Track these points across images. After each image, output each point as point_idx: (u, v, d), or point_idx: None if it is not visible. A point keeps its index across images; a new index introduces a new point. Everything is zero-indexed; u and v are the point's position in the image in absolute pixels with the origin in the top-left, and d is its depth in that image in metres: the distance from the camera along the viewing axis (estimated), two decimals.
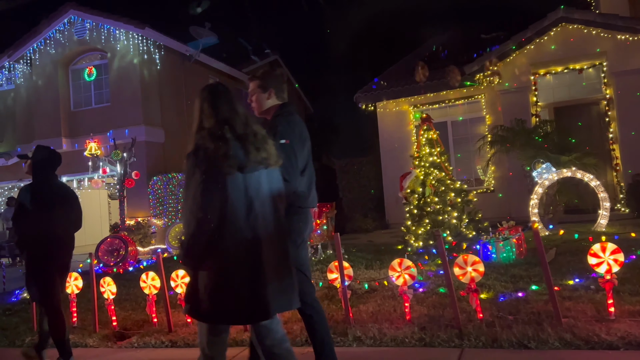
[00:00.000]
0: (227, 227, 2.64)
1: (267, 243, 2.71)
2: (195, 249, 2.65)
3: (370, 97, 13.32)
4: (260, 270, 2.66)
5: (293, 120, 3.22)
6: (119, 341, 5.36)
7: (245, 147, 2.71)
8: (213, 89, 2.94)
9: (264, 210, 2.74)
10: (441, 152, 7.46)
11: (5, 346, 5.56)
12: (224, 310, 2.68)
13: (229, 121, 2.76)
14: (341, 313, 5.12)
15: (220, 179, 2.64)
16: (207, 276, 2.67)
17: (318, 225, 8.01)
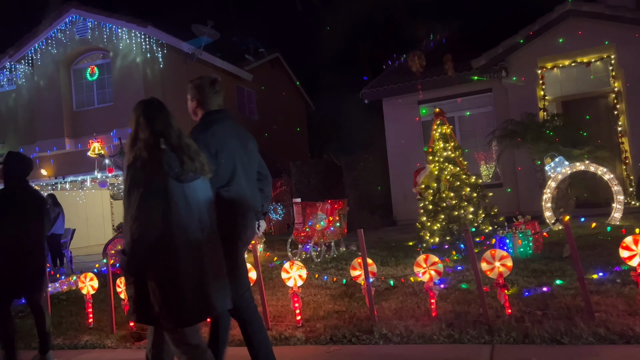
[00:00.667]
0: (171, 234, 2.77)
1: (208, 247, 2.91)
2: (137, 257, 2.75)
3: (376, 93, 13.24)
4: (204, 273, 2.86)
5: (202, 133, 3.34)
6: (136, 342, 5.30)
7: (180, 158, 2.86)
8: (148, 102, 3.11)
9: (203, 217, 2.93)
10: (455, 146, 7.38)
11: (22, 349, 5.47)
12: (174, 312, 2.78)
13: (163, 133, 2.93)
14: (363, 310, 5.05)
15: (160, 188, 2.77)
16: (154, 282, 2.77)
17: (331, 223, 7.94)
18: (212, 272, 2.91)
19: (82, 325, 5.91)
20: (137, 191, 2.72)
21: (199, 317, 2.93)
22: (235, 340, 4.69)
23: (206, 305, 2.89)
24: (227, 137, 3.40)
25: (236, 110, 20.56)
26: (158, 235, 2.72)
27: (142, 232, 2.69)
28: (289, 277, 4.83)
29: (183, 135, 3.01)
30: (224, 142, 3.35)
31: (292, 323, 4.92)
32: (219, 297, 2.94)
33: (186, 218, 2.83)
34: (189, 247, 2.81)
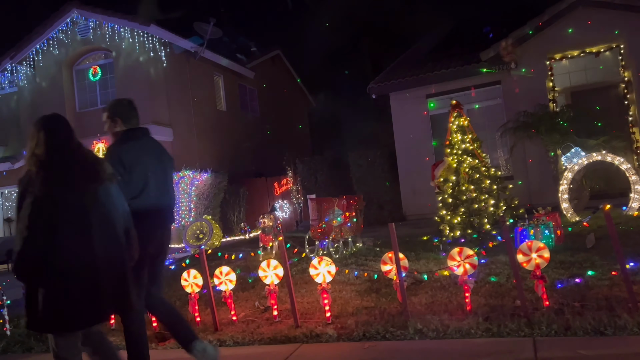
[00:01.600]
0: (60, 243, 2.89)
1: (103, 255, 3.01)
2: (25, 265, 2.90)
3: (383, 88, 13.14)
4: (95, 280, 2.96)
5: (119, 147, 3.68)
6: (160, 342, 5.21)
7: (74, 170, 3.04)
8: (48, 118, 3.26)
9: (100, 226, 3.04)
10: (473, 138, 7.30)
11: (43, 351, 5.38)
12: (61, 319, 2.93)
13: (59, 148, 3.08)
14: (393, 306, 4.98)
15: (50, 199, 2.92)
16: (43, 289, 2.89)
17: (348, 218, 7.85)
18: (107, 280, 3.02)
19: (104, 326, 5.80)
20: (27, 203, 2.91)
21: (80, 324, 3.06)
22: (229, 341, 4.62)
23: (95, 314, 3.05)
24: (142, 153, 3.73)
25: (239, 108, 20.47)
26: (44, 245, 2.87)
27: (26, 242, 2.86)
28: (317, 273, 4.74)
29: (83, 147, 3.21)
30: (138, 157, 3.67)
31: (321, 320, 4.83)
32: (111, 304, 3.10)
33: (73, 227, 2.95)
34: (76, 255, 2.92)
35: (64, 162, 3.04)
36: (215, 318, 5.07)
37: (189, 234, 11.78)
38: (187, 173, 14.78)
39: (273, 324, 4.97)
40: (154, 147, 3.91)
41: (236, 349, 4.62)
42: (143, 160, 3.69)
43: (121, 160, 3.54)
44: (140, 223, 3.52)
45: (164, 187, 3.86)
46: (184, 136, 16.49)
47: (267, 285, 4.99)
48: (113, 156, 3.58)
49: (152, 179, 3.71)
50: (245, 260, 8.73)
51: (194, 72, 17.54)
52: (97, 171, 3.13)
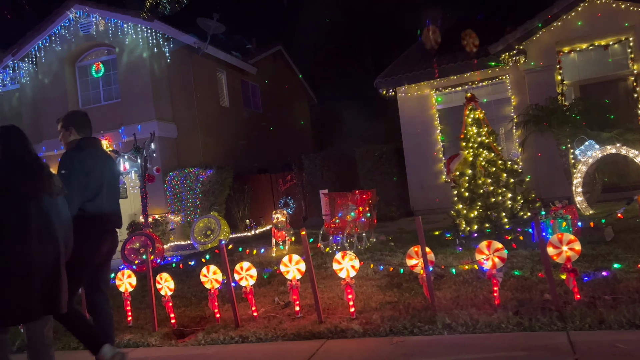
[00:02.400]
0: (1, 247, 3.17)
1: (39, 259, 3.24)
2: None
3: (391, 82, 13.04)
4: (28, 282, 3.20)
5: (78, 153, 3.95)
6: (179, 339, 5.14)
7: (32, 178, 3.30)
8: (6, 129, 3.49)
9: (40, 233, 3.26)
10: (489, 131, 7.22)
11: (60, 349, 5.30)
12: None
13: (18, 157, 3.35)
14: (417, 300, 4.91)
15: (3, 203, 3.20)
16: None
17: (361, 213, 7.77)
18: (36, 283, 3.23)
19: (121, 324, 5.73)
20: None
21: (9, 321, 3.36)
22: (251, 337, 4.55)
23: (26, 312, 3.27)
24: (97, 160, 4.05)
25: (241, 104, 20.36)
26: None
27: None
28: (341, 268, 4.67)
29: (39, 158, 3.45)
30: (94, 164, 3.98)
31: (345, 315, 4.76)
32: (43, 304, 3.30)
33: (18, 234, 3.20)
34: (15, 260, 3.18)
35: (17, 172, 3.30)
36: (236, 314, 5.00)
37: (197, 231, 11.69)
38: (192, 170, 14.67)
39: (295, 320, 4.90)
40: (106, 155, 4.25)
41: (260, 345, 4.55)
42: (98, 167, 4.00)
43: (81, 165, 3.81)
44: (93, 227, 3.88)
45: (113, 194, 4.17)
46: (188, 132, 16.38)
47: (289, 280, 4.92)
48: (73, 162, 3.88)
49: (104, 185, 4.03)
50: (258, 256, 8.67)
51: (197, 68, 17.42)
52: (50, 184, 3.37)
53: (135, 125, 15.11)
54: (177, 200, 14.65)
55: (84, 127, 4.16)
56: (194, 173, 14.61)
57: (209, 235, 11.56)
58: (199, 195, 14.53)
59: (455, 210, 7.13)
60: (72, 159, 3.84)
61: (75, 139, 4.09)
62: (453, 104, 12.85)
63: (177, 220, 14.68)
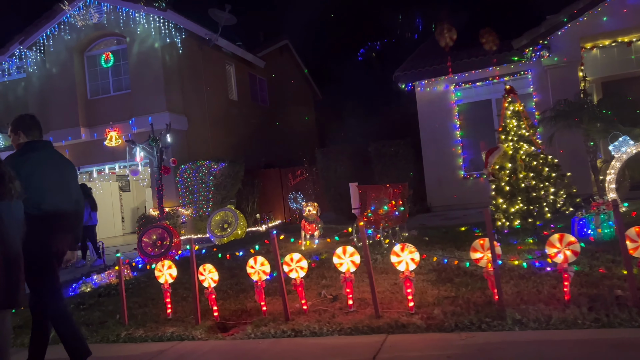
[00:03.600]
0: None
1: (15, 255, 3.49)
2: None
3: (410, 76, 12.87)
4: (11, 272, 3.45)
5: (17, 158, 4.06)
6: (222, 333, 4.95)
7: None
8: None
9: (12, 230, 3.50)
10: (530, 124, 7.06)
11: (98, 342, 5.10)
12: None
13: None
14: (477, 295, 4.75)
15: None
16: None
17: (394, 207, 7.60)
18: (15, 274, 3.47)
19: (159, 317, 5.54)
20: None
21: None
22: (305, 331, 4.37)
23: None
24: (41, 162, 4.09)
25: (249, 98, 20.14)
26: None
27: None
28: (400, 261, 4.49)
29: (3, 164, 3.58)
30: (35, 167, 4.04)
31: (401, 310, 4.59)
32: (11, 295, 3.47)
33: None
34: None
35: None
36: (286, 307, 4.81)
37: (214, 224, 11.48)
38: (204, 163, 14.45)
39: (349, 314, 4.72)
40: (53, 157, 4.25)
41: (315, 340, 4.36)
42: (40, 170, 4.06)
43: (18, 169, 3.82)
44: (43, 227, 3.97)
45: (64, 194, 4.19)
46: (198, 125, 16.14)
47: (342, 272, 4.73)
48: (10, 166, 3.89)
49: (50, 187, 4.09)
50: (285, 249, 8.47)
51: (207, 60, 17.18)
52: (10, 189, 3.51)
53: (146, 117, 14.85)
54: (189, 193, 14.43)
55: (32, 130, 4.24)
56: (206, 166, 14.39)
57: (226, 229, 11.35)
58: (212, 188, 14.31)
59: (494, 204, 6.96)
60: (10, 164, 3.87)
61: (24, 142, 4.19)
62: (473, 99, 12.71)
63: (188, 214, 14.45)
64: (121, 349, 4.82)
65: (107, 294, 6.86)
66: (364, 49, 27.27)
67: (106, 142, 15.19)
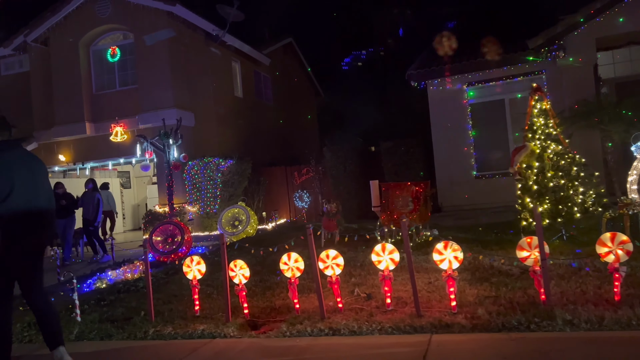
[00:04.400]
0: None
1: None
2: None
3: (423, 75, 12.76)
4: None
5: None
6: (253, 330, 4.82)
7: None
8: None
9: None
10: (557, 123, 6.96)
11: (125, 339, 4.96)
12: None
13: None
14: (519, 295, 4.64)
15: None
16: None
17: (418, 206, 7.49)
18: None
19: (186, 314, 5.39)
20: None
21: None
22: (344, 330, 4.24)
23: None
24: (9, 162, 4.17)
25: (253, 95, 19.99)
26: None
27: None
28: (442, 259, 4.38)
29: None
30: (6, 166, 4.14)
31: (443, 309, 4.48)
32: None
33: None
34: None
35: None
36: (322, 305, 4.69)
37: (225, 221, 11.33)
38: (212, 159, 14.28)
39: (387, 313, 4.60)
40: (23, 156, 4.33)
41: (355, 339, 4.25)
42: (9, 169, 4.13)
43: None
44: (12, 225, 4.08)
45: (34, 193, 4.24)
46: (204, 122, 15.97)
47: (381, 270, 4.61)
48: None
49: (19, 186, 4.14)
50: (300, 247, 8.31)
51: (213, 56, 17.01)
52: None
53: (153, 113, 14.67)
54: (197, 190, 14.26)
55: (2, 130, 4.38)
56: (214, 163, 14.23)
57: (237, 226, 11.21)
58: (219, 185, 14.15)
59: (520, 203, 6.86)
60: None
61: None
62: (486, 99, 12.62)
63: (195, 211, 14.30)
64: (151, 346, 4.68)
65: (126, 290, 6.71)
66: (370, 48, 27.15)
67: (112, 137, 15.01)
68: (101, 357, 4.59)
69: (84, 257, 11.80)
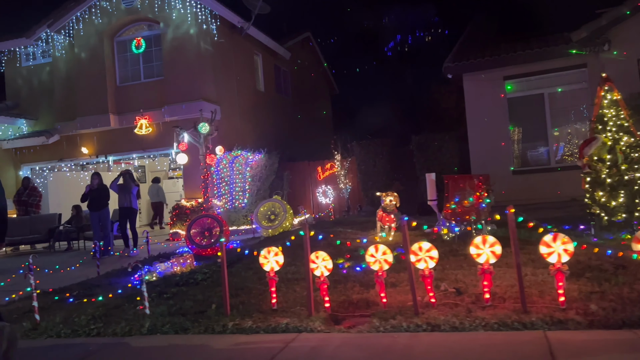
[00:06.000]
0: None
1: None
2: None
3: (460, 67, 12.50)
4: None
5: None
6: (336, 325, 4.59)
7: None
8: None
9: None
10: (630, 114, 6.73)
11: (202, 332, 4.73)
12: None
13: None
14: (624, 290, 4.40)
15: None
16: None
17: (480, 199, 7.25)
18: None
19: (261, 307, 5.16)
20: None
21: None
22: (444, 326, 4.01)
23: None
24: None
25: (274, 89, 19.76)
26: None
27: None
28: (551, 252, 4.15)
29: None
30: None
31: (547, 304, 4.25)
32: None
33: None
34: None
35: None
36: (415, 300, 4.46)
37: (260, 215, 11.09)
38: (240, 152, 14.05)
39: (486, 309, 4.36)
40: None
41: (462, 335, 4.02)
42: None
43: None
44: None
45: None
46: (229, 115, 15.72)
47: (480, 264, 4.38)
48: None
49: None
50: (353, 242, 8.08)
51: (237, 49, 16.79)
52: None
53: (179, 105, 14.47)
54: (225, 184, 14.02)
55: None
56: (242, 156, 14.00)
57: (273, 220, 10.97)
58: (248, 179, 13.93)
59: (589, 197, 6.63)
60: None
61: None
62: (524, 93, 12.37)
63: (222, 205, 14.06)
64: (234, 340, 4.44)
65: (185, 283, 6.48)
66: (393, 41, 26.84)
67: (136, 130, 14.77)
68: (182, 351, 4.36)
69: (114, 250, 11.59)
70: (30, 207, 14.64)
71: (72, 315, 5.53)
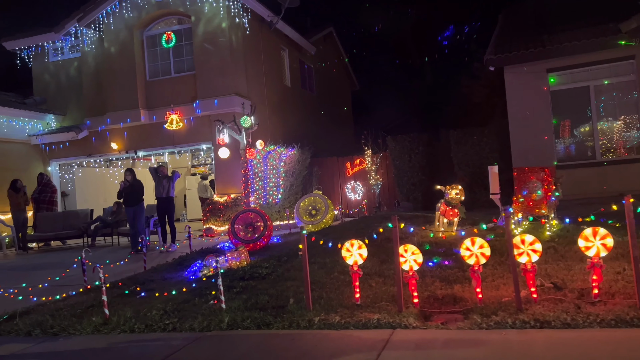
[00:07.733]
0: None
1: None
2: None
3: (502, 60, 12.19)
4: None
5: None
6: (427, 321, 4.38)
7: None
8: None
9: None
10: None
11: (285, 327, 4.53)
12: None
13: None
14: None
15: None
16: None
17: (550, 192, 7.00)
18: None
19: (343, 301, 4.96)
20: None
21: None
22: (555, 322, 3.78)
23: None
24: None
25: (299, 85, 19.55)
26: None
27: None
28: None
29: None
30: None
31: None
32: None
33: None
34: None
35: None
36: (518, 295, 4.23)
37: (301, 210, 10.89)
38: (273, 148, 13.86)
39: (596, 305, 4.13)
40: None
41: (577, 332, 3.80)
42: None
43: None
44: None
45: None
46: (259, 110, 15.46)
47: (589, 257, 4.15)
48: None
49: None
50: (406, 239, 7.87)
51: (265, 43, 16.57)
52: None
53: (211, 100, 14.30)
54: (258, 179, 13.83)
55: None
56: (276, 151, 13.80)
57: (315, 215, 10.77)
58: (282, 174, 13.73)
59: None
60: None
61: None
62: (569, 85, 12.07)
63: (253, 200, 13.86)
64: (325, 335, 4.24)
65: (250, 277, 6.29)
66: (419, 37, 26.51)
67: (166, 125, 14.60)
68: (276, 346, 4.16)
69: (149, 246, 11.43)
70: (42, 204, 14.46)
71: (141, 310, 5.36)
